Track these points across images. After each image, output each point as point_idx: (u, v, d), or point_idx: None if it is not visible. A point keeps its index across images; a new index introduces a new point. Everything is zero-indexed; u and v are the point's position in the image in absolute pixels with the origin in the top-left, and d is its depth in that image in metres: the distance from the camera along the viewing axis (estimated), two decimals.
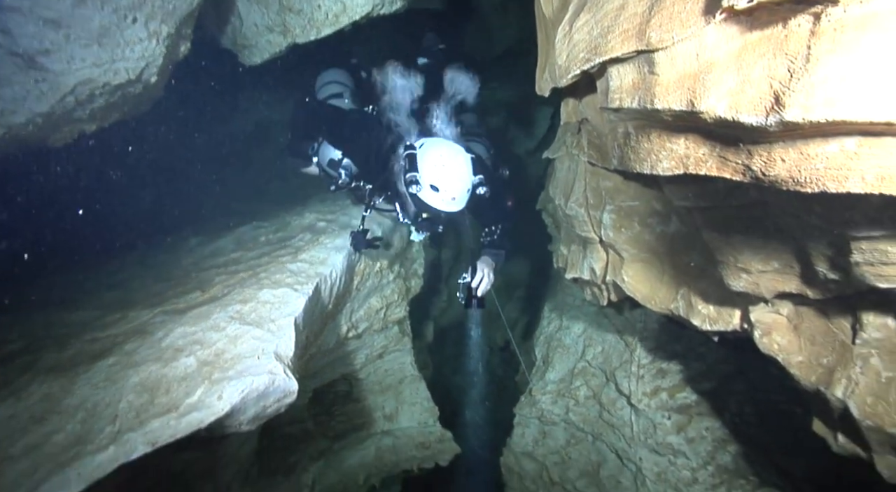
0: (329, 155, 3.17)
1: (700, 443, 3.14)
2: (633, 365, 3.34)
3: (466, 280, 2.86)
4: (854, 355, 1.57)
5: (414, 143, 2.59)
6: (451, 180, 2.47)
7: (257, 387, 1.76)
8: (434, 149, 2.54)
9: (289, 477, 3.86)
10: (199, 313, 2.38)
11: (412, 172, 2.45)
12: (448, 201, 2.47)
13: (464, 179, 2.49)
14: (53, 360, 2.51)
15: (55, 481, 1.55)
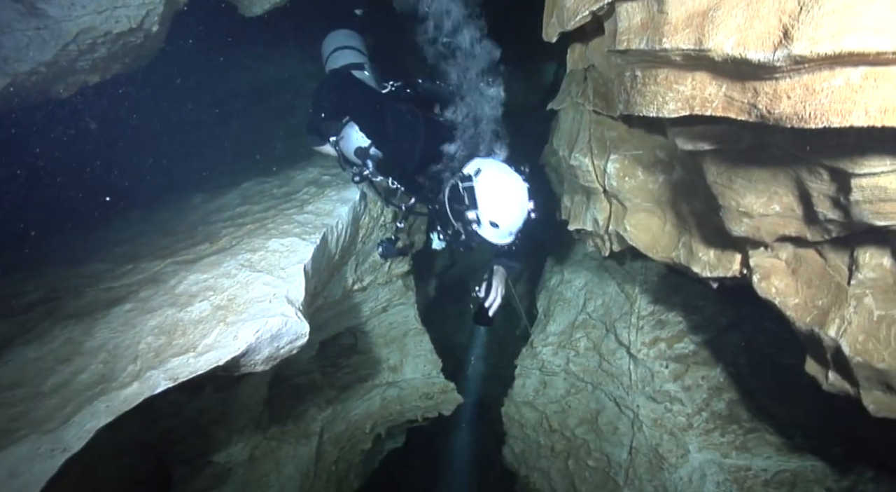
0: (356, 141, 2.80)
1: (696, 391, 3.25)
2: (633, 316, 3.42)
3: (479, 295, 2.62)
4: (848, 296, 1.62)
5: (469, 172, 2.23)
6: (513, 217, 2.22)
7: (270, 328, 1.83)
8: (495, 183, 2.21)
9: (298, 425, 4.01)
10: (210, 262, 2.43)
11: (472, 209, 2.19)
12: (506, 236, 2.26)
13: (524, 211, 2.24)
14: (72, 307, 2.58)
15: (86, 412, 1.63)
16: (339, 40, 3.23)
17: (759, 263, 1.87)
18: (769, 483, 2.96)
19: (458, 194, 2.24)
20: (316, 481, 3.96)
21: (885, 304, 1.52)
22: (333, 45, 3.21)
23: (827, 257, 1.69)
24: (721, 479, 3.00)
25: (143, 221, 4.16)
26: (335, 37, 3.27)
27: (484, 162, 2.27)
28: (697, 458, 3.07)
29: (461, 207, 2.22)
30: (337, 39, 3.24)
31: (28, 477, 1.48)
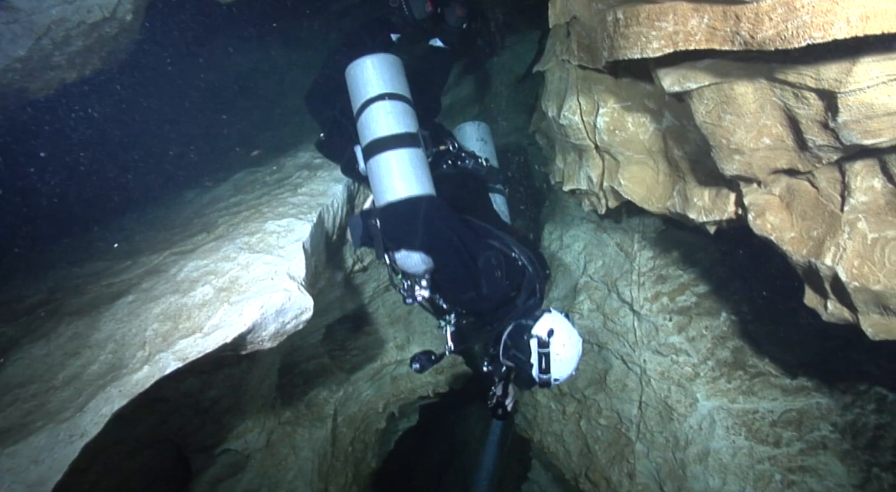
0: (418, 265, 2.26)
1: (700, 341, 3.29)
2: (634, 274, 3.44)
3: (497, 395, 2.45)
4: (842, 223, 1.63)
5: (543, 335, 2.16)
6: (570, 375, 2.26)
7: (275, 303, 1.84)
8: (568, 351, 2.21)
9: (311, 409, 4.05)
10: (209, 249, 2.43)
11: (545, 374, 2.16)
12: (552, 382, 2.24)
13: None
14: (75, 305, 2.59)
15: (100, 399, 1.65)
16: (385, 79, 2.40)
17: (754, 201, 1.88)
18: (776, 423, 3.02)
19: (525, 349, 2.21)
20: (334, 461, 4.02)
21: (878, 226, 1.54)
22: (377, 88, 2.38)
23: (819, 187, 1.70)
24: (730, 424, 3.05)
25: (138, 219, 4.16)
26: (375, 68, 2.40)
27: (555, 322, 2.24)
28: (706, 406, 3.12)
29: (524, 360, 2.21)
30: (380, 76, 2.39)
31: (50, 463, 1.50)
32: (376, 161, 2.30)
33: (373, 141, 2.32)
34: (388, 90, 2.37)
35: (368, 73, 2.40)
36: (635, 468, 3.38)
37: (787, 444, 2.98)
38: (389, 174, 2.27)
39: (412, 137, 2.34)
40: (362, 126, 2.37)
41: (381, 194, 2.30)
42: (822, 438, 2.98)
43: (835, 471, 2.82)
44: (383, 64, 2.42)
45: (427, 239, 2.21)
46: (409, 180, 2.25)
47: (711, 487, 2.98)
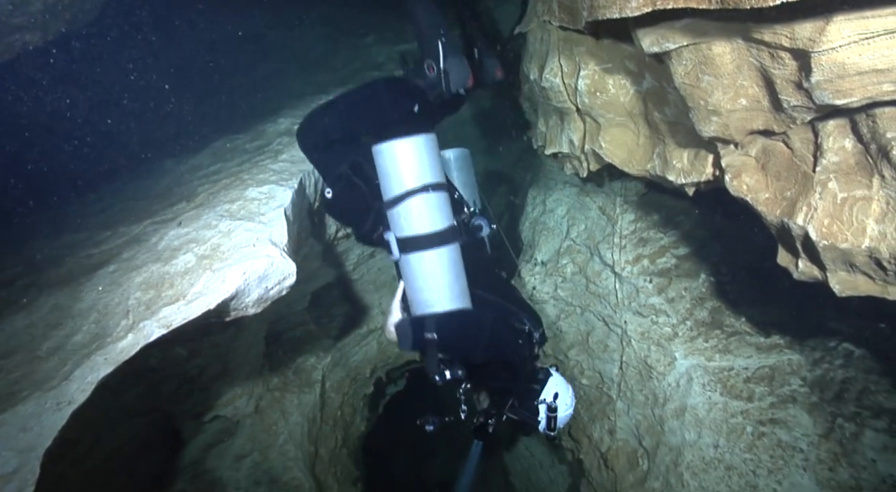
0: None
1: (679, 302, 3.37)
2: (616, 237, 3.49)
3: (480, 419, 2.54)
4: (814, 183, 1.67)
5: (550, 399, 2.31)
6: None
7: (257, 269, 1.84)
8: (569, 409, 2.39)
9: (299, 375, 4.11)
10: (190, 217, 2.42)
11: (552, 431, 2.33)
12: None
13: None
14: (54, 277, 2.57)
15: (85, 367, 1.66)
16: (427, 168, 2.21)
17: (731, 163, 1.90)
18: (750, 379, 3.13)
19: (534, 411, 2.33)
20: (323, 426, 4.11)
21: (848, 186, 1.58)
22: (420, 178, 2.18)
23: (794, 148, 1.72)
24: (706, 381, 3.16)
25: (116, 191, 4.10)
26: (418, 155, 2.20)
27: (559, 385, 2.38)
28: (683, 364, 3.22)
29: (532, 418, 2.33)
30: (422, 164, 2.20)
31: (38, 430, 1.52)
32: (419, 260, 2.22)
33: (414, 237, 2.21)
34: (431, 181, 2.20)
35: (410, 160, 2.18)
36: (616, 425, 3.51)
37: (759, 398, 3.10)
38: (437, 278, 2.21)
39: (453, 230, 2.26)
40: (400, 216, 2.22)
41: (428, 300, 2.25)
42: (792, 392, 3.11)
43: (802, 422, 2.95)
44: (426, 149, 2.22)
45: (488, 352, 2.29)
46: (457, 286, 2.24)
47: (687, 440, 3.11)
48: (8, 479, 1.35)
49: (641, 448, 3.36)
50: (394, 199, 2.19)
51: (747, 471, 2.92)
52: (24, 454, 1.42)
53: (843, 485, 2.72)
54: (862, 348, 3.13)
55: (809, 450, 2.89)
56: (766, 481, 2.85)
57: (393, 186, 2.20)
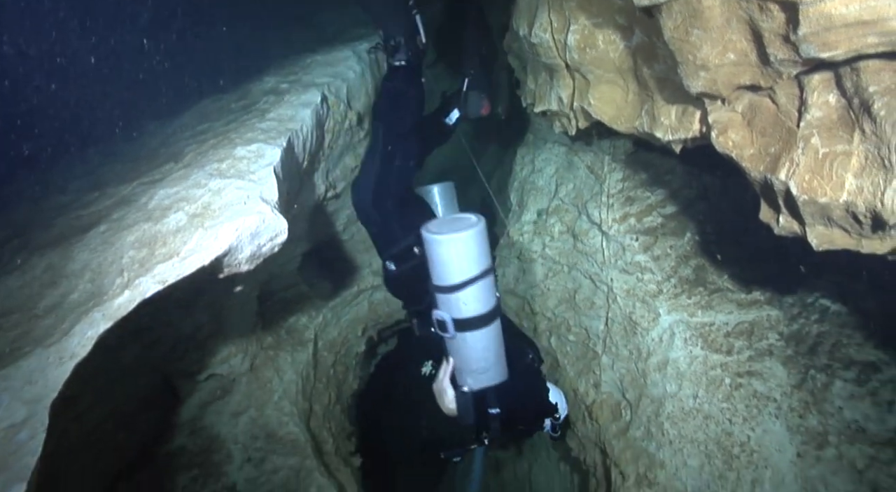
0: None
1: (665, 260, 3.45)
2: (603, 196, 3.53)
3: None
4: (797, 139, 1.70)
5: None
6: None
7: (249, 225, 1.86)
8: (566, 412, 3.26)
9: (292, 335, 4.18)
10: (178, 177, 2.41)
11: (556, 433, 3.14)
12: None
13: None
14: (43, 239, 2.57)
15: (84, 323, 1.69)
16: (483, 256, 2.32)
17: (717, 119, 1.93)
18: (730, 334, 3.25)
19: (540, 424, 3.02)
20: (317, 383, 4.21)
21: (830, 141, 1.61)
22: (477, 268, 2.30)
23: (779, 103, 1.75)
24: (688, 335, 3.27)
25: (101, 154, 4.04)
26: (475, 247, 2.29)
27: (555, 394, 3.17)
28: (667, 320, 3.32)
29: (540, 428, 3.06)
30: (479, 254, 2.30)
31: (43, 383, 1.56)
32: (476, 338, 2.43)
33: (471, 318, 2.39)
34: (485, 267, 2.36)
35: (468, 253, 2.29)
36: (601, 379, 3.64)
37: (738, 352, 3.23)
38: (491, 353, 2.48)
39: (499, 304, 2.51)
40: (459, 301, 2.35)
41: (486, 375, 2.53)
42: (770, 345, 3.23)
43: (777, 374, 3.08)
44: (480, 240, 2.33)
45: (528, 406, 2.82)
46: (504, 356, 2.56)
47: (668, 392, 3.24)
48: (19, 427, 1.40)
49: (625, 400, 3.50)
50: (452, 286, 2.32)
51: (724, 419, 3.06)
52: (31, 405, 1.47)
53: (811, 430, 2.87)
54: (837, 304, 3.25)
55: (782, 399, 3.03)
56: (740, 428, 3.00)
57: (452, 275, 2.31)
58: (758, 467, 2.87)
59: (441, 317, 2.39)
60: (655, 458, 3.14)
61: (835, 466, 2.76)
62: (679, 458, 3.07)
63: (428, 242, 2.28)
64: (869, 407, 2.88)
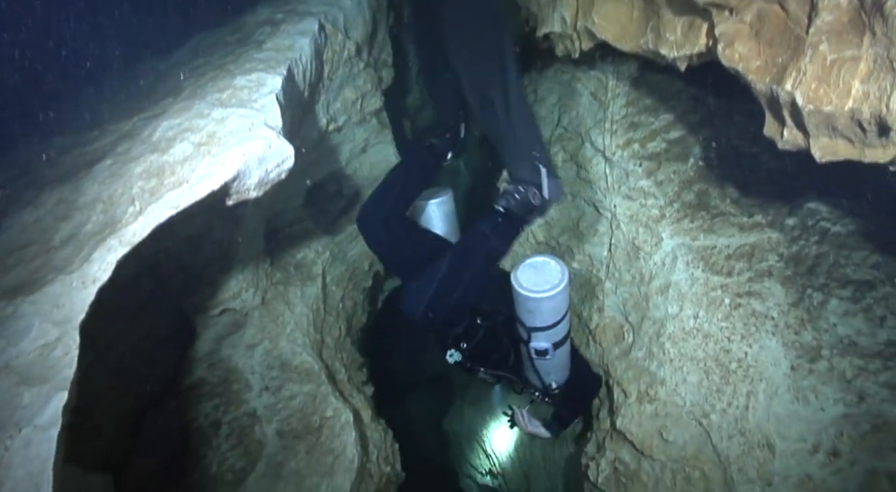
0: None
1: (668, 185, 3.46)
2: (607, 122, 3.50)
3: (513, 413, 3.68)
4: (806, 46, 1.68)
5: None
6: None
7: (256, 150, 1.87)
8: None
9: (300, 270, 4.27)
10: (180, 109, 2.39)
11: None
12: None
13: None
14: (52, 175, 2.59)
15: (102, 250, 1.74)
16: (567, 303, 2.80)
17: (724, 30, 1.89)
18: (731, 256, 3.31)
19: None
20: (327, 316, 4.33)
21: (838, 47, 1.59)
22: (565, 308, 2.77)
23: (789, 10, 1.71)
24: (690, 258, 3.33)
25: (95, 97, 3.98)
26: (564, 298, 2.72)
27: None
28: (669, 243, 3.38)
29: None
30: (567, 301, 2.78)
31: (70, 306, 1.63)
32: (565, 347, 2.97)
33: (564, 336, 2.86)
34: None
35: (565, 297, 2.67)
36: (604, 304, 3.74)
37: (738, 273, 3.30)
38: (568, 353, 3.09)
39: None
40: (557, 331, 2.78)
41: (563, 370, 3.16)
42: (769, 267, 3.30)
43: (775, 293, 3.17)
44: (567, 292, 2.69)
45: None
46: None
47: (670, 313, 3.34)
48: (53, 346, 1.48)
49: (627, 323, 3.61)
50: (554, 323, 2.73)
51: (723, 338, 3.17)
52: (61, 326, 1.54)
53: (806, 345, 2.99)
54: (837, 226, 3.28)
55: (779, 317, 3.13)
56: (738, 345, 3.11)
57: (555, 316, 2.71)
58: (753, 381, 3.01)
59: (541, 347, 2.80)
60: (656, 376, 3.28)
61: (825, 377, 2.89)
62: (679, 375, 3.21)
63: (531, 300, 2.59)
64: (862, 322, 2.98)
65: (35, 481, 1.11)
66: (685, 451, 3.08)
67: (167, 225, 1.83)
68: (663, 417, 3.16)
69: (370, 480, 3.30)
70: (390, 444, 3.73)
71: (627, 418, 3.29)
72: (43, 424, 1.23)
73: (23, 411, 1.27)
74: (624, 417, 3.31)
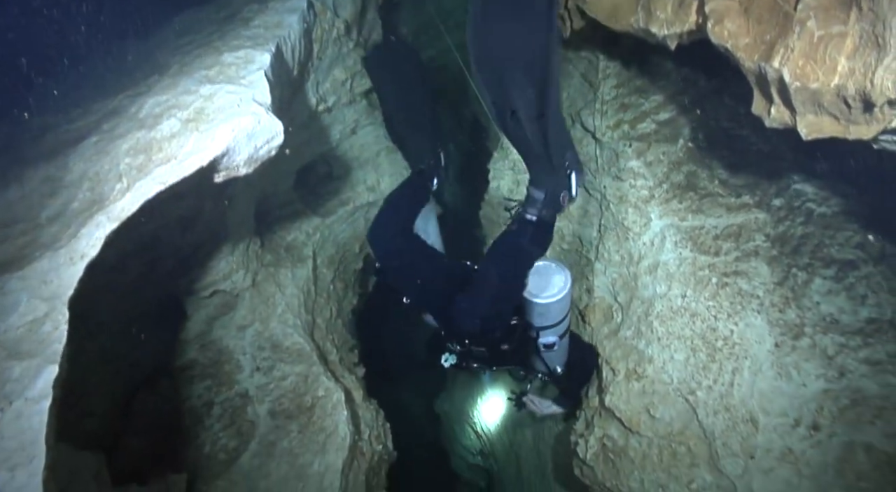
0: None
1: (657, 166, 3.48)
2: (598, 103, 3.50)
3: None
4: (794, 23, 1.69)
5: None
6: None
7: (245, 126, 1.86)
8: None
9: (291, 252, 4.26)
10: (166, 85, 2.37)
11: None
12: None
13: None
14: (36, 152, 2.55)
15: (90, 226, 1.73)
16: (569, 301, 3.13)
17: (714, 8, 1.90)
18: (718, 236, 3.34)
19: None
20: (318, 298, 4.34)
21: (826, 22, 1.60)
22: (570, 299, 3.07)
23: None
24: (678, 239, 3.36)
25: (80, 77, 3.91)
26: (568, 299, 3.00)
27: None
28: (658, 224, 3.40)
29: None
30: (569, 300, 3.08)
31: (59, 282, 1.62)
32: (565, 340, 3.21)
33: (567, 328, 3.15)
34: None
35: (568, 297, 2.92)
36: (594, 284, 3.77)
37: (725, 253, 3.34)
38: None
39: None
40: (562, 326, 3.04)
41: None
42: (756, 247, 3.34)
43: (761, 273, 3.21)
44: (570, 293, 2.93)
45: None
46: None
47: (658, 293, 3.37)
48: (41, 322, 1.47)
49: (616, 303, 3.65)
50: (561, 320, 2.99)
51: (709, 316, 3.22)
52: (50, 301, 1.54)
53: (790, 323, 3.04)
54: (823, 207, 3.33)
55: (765, 296, 3.18)
56: (724, 323, 3.16)
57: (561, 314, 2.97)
58: (738, 358, 3.06)
59: (549, 341, 3.03)
60: (644, 354, 3.33)
61: (808, 353, 2.95)
62: (666, 353, 3.26)
63: (541, 305, 2.81)
64: (844, 301, 3.04)
65: (28, 453, 1.11)
66: (672, 427, 3.14)
67: (157, 205, 1.82)
68: (651, 394, 3.21)
69: (362, 458, 3.34)
70: (382, 423, 3.77)
71: (616, 395, 3.34)
72: (34, 396, 1.24)
73: (13, 384, 1.27)
74: (612, 394, 3.36)
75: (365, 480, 3.26)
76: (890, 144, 1.81)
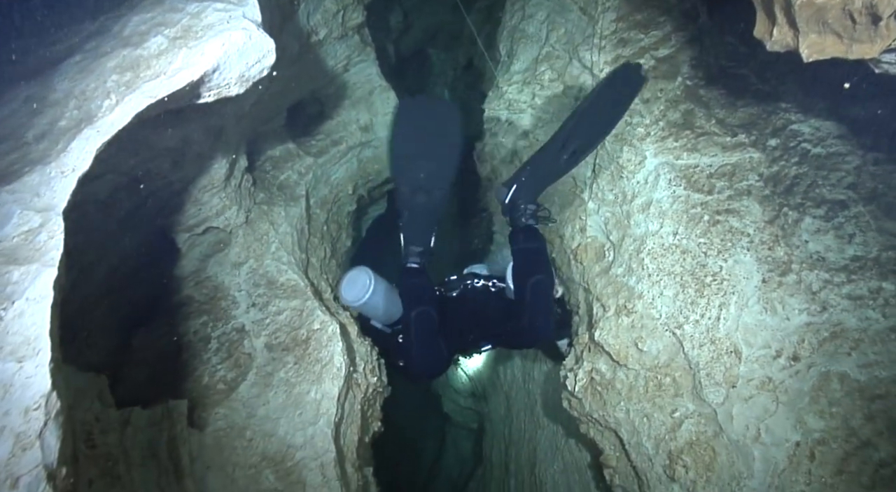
0: None
1: (654, 103, 3.44)
2: (596, 37, 3.42)
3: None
4: None
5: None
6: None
7: (235, 41, 1.80)
8: None
9: (283, 191, 4.23)
10: (150, 4, 2.27)
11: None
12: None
13: None
14: (15, 72, 2.47)
15: (80, 140, 1.69)
16: None
17: None
18: (712, 175, 3.35)
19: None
20: (311, 238, 4.34)
21: None
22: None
23: None
24: (672, 177, 3.37)
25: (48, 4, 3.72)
26: None
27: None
28: (653, 162, 3.40)
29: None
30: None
31: (51, 195, 1.60)
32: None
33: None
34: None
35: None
36: (586, 224, 3.80)
37: (718, 191, 3.35)
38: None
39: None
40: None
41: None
42: (749, 186, 3.36)
43: (752, 211, 3.24)
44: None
45: None
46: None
47: (650, 230, 3.40)
48: (36, 232, 1.46)
49: (608, 242, 3.69)
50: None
51: (699, 253, 3.26)
52: (44, 213, 1.52)
53: (777, 260, 3.10)
54: (818, 148, 3.33)
55: (755, 234, 3.22)
56: (714, 259, 3.21)
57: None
58: (726, 293, 3.13)
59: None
60: (634, 290, 3.39)
61: (793, 289, 3.02)
62: (656, 289, 3.32)
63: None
64: (832, 239, 3.09)
65: (33, 346, 1.13)
66: (658, 359, 3.24)
67: (143, 136, 1.78)
68: (639, 328, 3.29)
69: (357, 388, 3.43)
70: (376, 358, 3.85)
71: (605, 330, 3.43)
72: (35, 296, 1.25)
73: (13, 286, 1.28)
74: (602, 330, 3.44)
75: (360, 409, 3.37)
76: (891, 65, 1.79)
